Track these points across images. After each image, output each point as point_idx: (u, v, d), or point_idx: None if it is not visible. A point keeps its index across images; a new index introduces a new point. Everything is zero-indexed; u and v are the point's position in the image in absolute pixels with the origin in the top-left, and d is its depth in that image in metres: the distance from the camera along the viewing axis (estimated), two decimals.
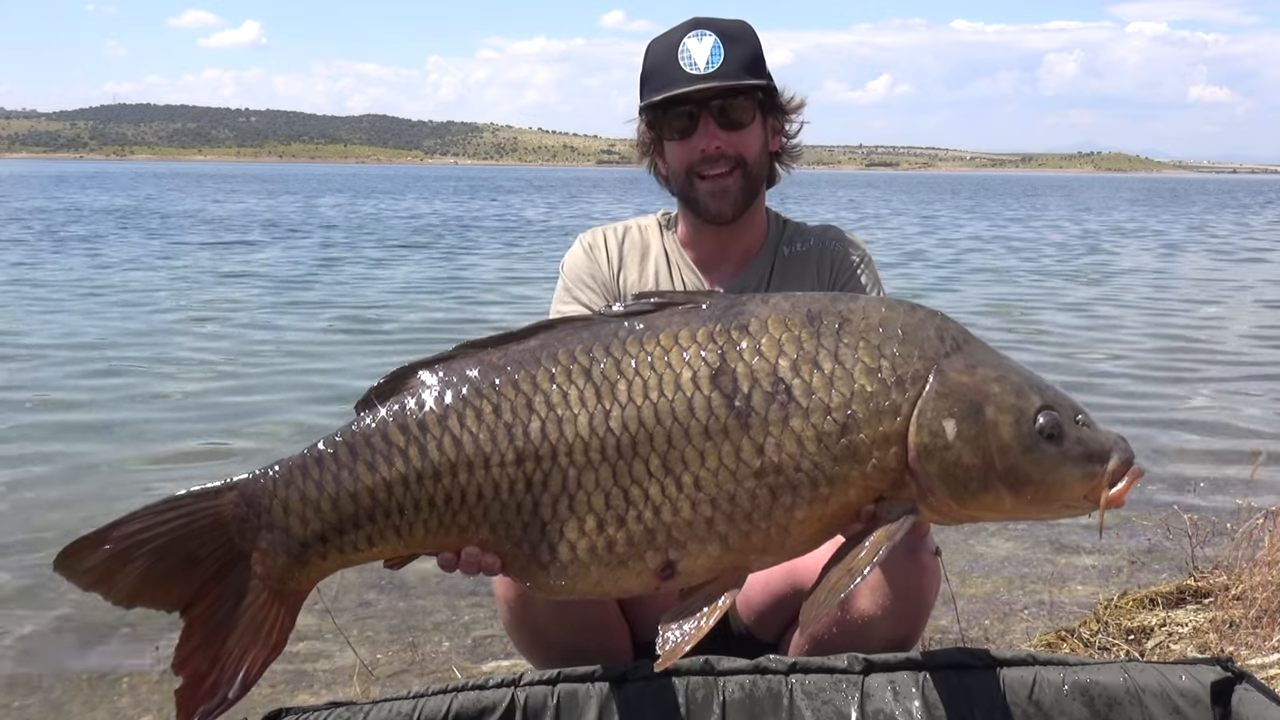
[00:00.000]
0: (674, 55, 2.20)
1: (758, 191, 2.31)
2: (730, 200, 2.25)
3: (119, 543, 1.59)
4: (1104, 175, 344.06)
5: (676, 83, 2.19)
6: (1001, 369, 1.59)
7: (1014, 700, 1.77)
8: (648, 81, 2.27)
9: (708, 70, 2.17)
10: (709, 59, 2.18)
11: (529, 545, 1.61)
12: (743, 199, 2.27)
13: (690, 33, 2.20)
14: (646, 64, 2.28)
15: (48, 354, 8.62)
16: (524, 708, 1.81)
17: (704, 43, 2.19)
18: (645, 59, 2.29)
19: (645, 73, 2.28)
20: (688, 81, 2.17)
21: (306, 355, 8.85)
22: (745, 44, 2.22)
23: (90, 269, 15.27)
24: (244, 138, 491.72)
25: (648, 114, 2.29)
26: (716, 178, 2.24)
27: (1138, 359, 9.04)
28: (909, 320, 1.61)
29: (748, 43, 2.23)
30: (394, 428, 1.62)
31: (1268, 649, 2.98)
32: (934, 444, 1.53)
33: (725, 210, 2.26)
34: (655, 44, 2.28)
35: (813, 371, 1.56)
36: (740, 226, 2.33)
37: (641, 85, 2.30)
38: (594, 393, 1.58)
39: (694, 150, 2.23)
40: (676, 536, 1.56)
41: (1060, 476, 1.53)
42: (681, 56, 2.19)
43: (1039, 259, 19.34)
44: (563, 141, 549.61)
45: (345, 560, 1.66)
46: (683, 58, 2.19)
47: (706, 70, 2.17)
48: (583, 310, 2.32)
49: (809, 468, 1.54)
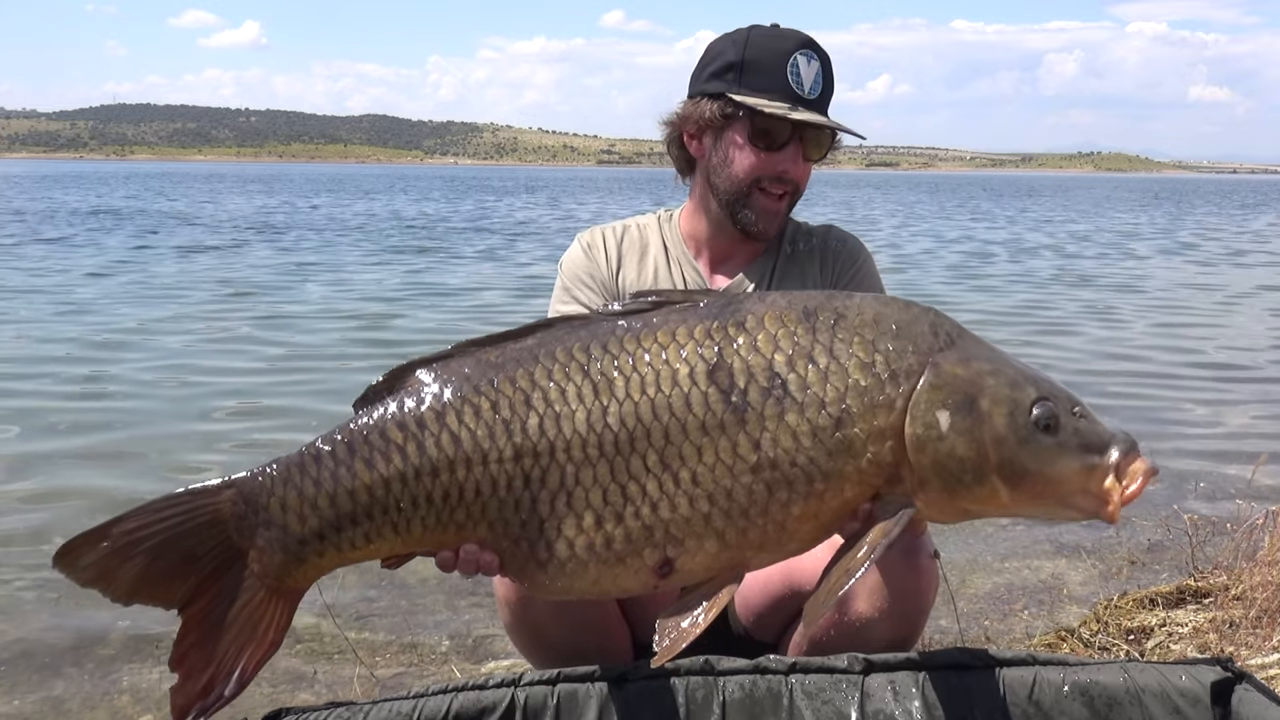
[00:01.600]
0: (783, 65, 2.17)
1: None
2: (777, 223, 2.29)
3: (117, 539, 1.59)
4: (1104, 175, 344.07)
5: (782, 94, 2.17)
6: (996, 362, 1.59)
7: (1014, 700, 1.77)
8: (745, 73, 2.20)
9: (812, 95, 2.19)
10: (814, 84, 2.19)
11: (527, 543, 1.61)
12: (784, 222, 2.33)
13: (801, 50, 2.19)
14: (748, 54, 2.21)
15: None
16: (524, 708, 1.81)
17: (812, 66, 2.19)
18: (746, 47, 2.21)
19: (744, 62, 2.20)
20: (793, 99, 2.17)
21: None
22: (833, 81, 2.25)
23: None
24: (244, 138, 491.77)
25: (735, 106, 2.21)
26: (776, 199, 2.25)
27: (1138, 359, 9.05)
28: (903, 316, 1.62)
29: (834, 79, 2.26)
30: (392, 425, 1.62)
31: (1268, 649, 2.98)
32: (928, 436, 1.53)
33: (771, 231, 2.29)
34: (762, 40, 2.22)
35: (808, 366, 1.56)
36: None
37: (729, 69, 2.21)
38: (591, 389, 1.58)
39: (773, 166, 2.22)
40: (674, 533, 1.57)
41: (1058, 468, 1.52)
42: (791, 71, 2.17)
43: (1041, 258, 19.37)
44: (563, 141, 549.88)
45: (343, 558, 1.66)
46: (792, 73, 2.17)
47: (811, 95, 2.19)
48: (581, 309, 2.31)
49: (804, 463, 1.54)
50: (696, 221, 2.39)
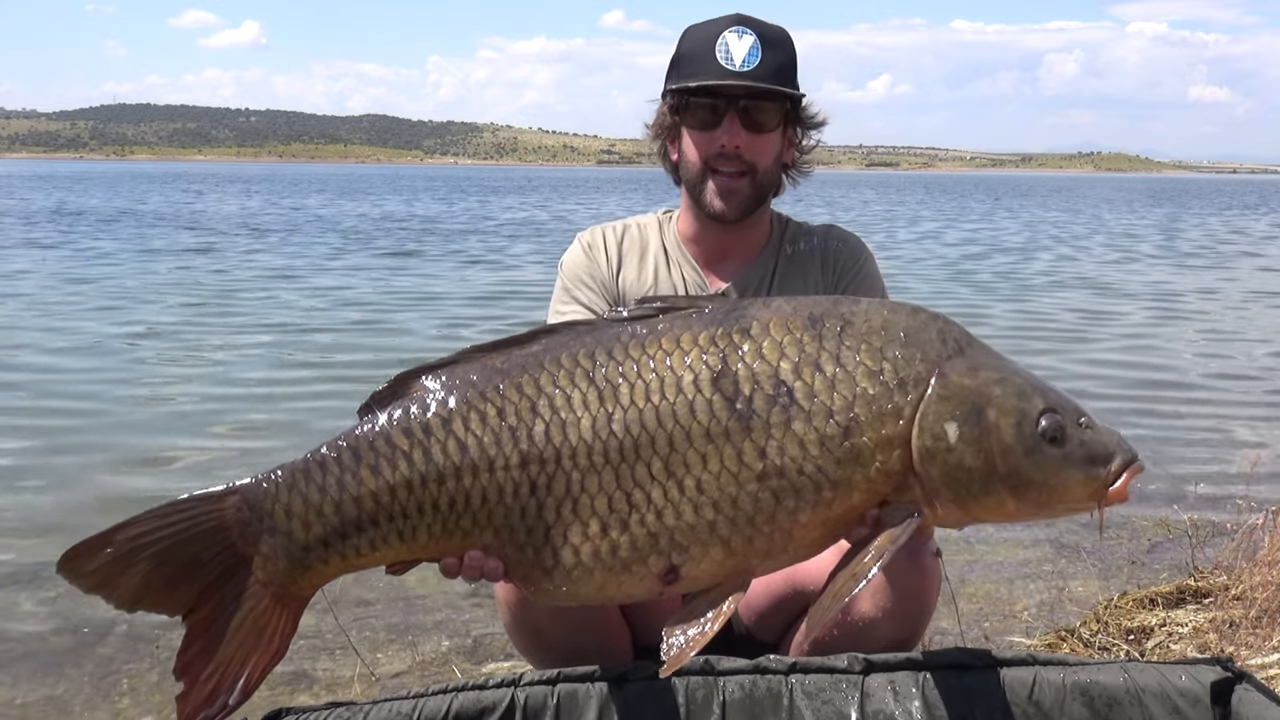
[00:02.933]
0: (711, 46, 2.19)
1: (764, 199, 2.31)
2: (736, 202, 2.25)
3: (121, 546, 1.58)
4: (1104, 175, 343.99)
5: (710, 73, 2.18)
6: (1004, 371, 1.58)
7: (1014, 700, 1.77)
8: (680, 65, 2.26)
9: (743, 68, 2.17)
10: (746, 57, 2.17)
11: (532, 549, 1.60)
12: (748, 204, 2.27)
13: (732, 27, 2.20)
14: (681, 48, 2.26)
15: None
16: (524, 708, 1.81)
17: (744, 40, 2.18)
18: (681, 42, 2.27)
19: (679, 56, 2.26)
20: (722, 75, 2.17)
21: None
22: (782, 50, 2.22)
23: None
24: (244, 138, 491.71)
25: (673, 98, 2.27)
26: (728, 176, 2.23)
27: (1138, 359, 9.05)
28: (911, 323, 1.61)
29: (785, 50, 2.23)
30: (397, 431, 1.61)
31: (1268, 649, 2.98)
32: (936, 447, 1.53)
33: (729, 211, 2.26)
34: (694, 30, 2.26)
35: (815, 374, 1.55)
36: (743, 227, 2.33)
37: (672, 67, 2.28)
38: (596, 396, 1.58)
39: (713, 144, 2.22)
40: (679, 540, 1.56)
41: (1063, 479, 1.53)
42: (719, 49, 2.18)
43: (1043, 258, 19.37)
44: (563, 141, 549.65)
45: (348, 565, 1.66)
46: (720, 50, 2.18)
47: (742, 68, 2.17)
48: (582, 310, 2.32)
49: (811, 471, 1.53)
50: (686, 223, 2.41)
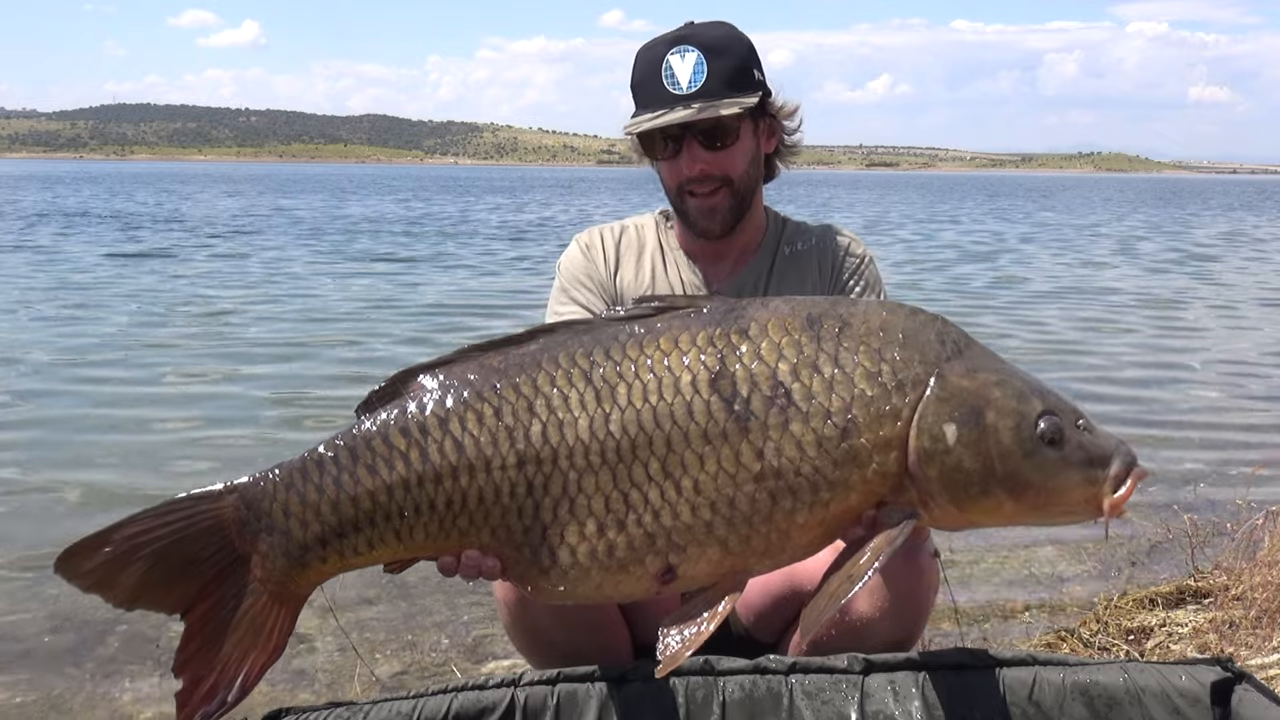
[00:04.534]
0: (657, 72, 2.16)
1: (748, 204, 2.29)
2: (719, 218, 2.25)
3: (119, 545, 1.58)
4: (1104, 175, 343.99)
5: (659, 102, 2.16)
6: (1003, 373, 1.58)
7: (1014, 700, 1.76)
8: (634, 95, 2.25)
9: (690, 90, 2.13)
10: (691, 78, 2.14)
11: (529, 549, 1.60)
12: (731, 216, 2.26)
13: (674, 49, 2.16)
14: (634, 76, 2.25)
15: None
16: (524, 708, 1.81)
17: (686, 60, 2.14)
18: (633, 70, 2.25)
19: (632, 85, 2.25)
20: (669, 102, 2.14)
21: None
22: (729, 56, 2.17)
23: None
24: (244, 138, 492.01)
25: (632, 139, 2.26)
26: (705, 196, 2.22)
27: (1138, 359, 9.05)
28: (910, 324, 1.60)
29: (732, 54, 2.18)
30: (395, 431, 1.61)
31: (1268, 649, 2.98)
32: (934, 448, 1.52)
33: (714, 228, 2.26)
34: (641, 55, 2.24)
35: (813, 376, 1.55)
36: (735, 233, 2.32)
37: (632, 95, 2.26)
38: (594, 396, 1.58)
39: (680, 173, 2.22)
40: (676, 540, 1.56)
41: (1061, 482, 1.53)
42: (665, 75, 2.15)
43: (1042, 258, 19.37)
44: (563, 141, 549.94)
45: (345, 564, 1.66)
46: (665, 76, 2.15)
47: (689, 89, 2.13)
48: (580, 310, 2.32)
49: (809, 472, 1.53)
50: (681, 230, 2.40)
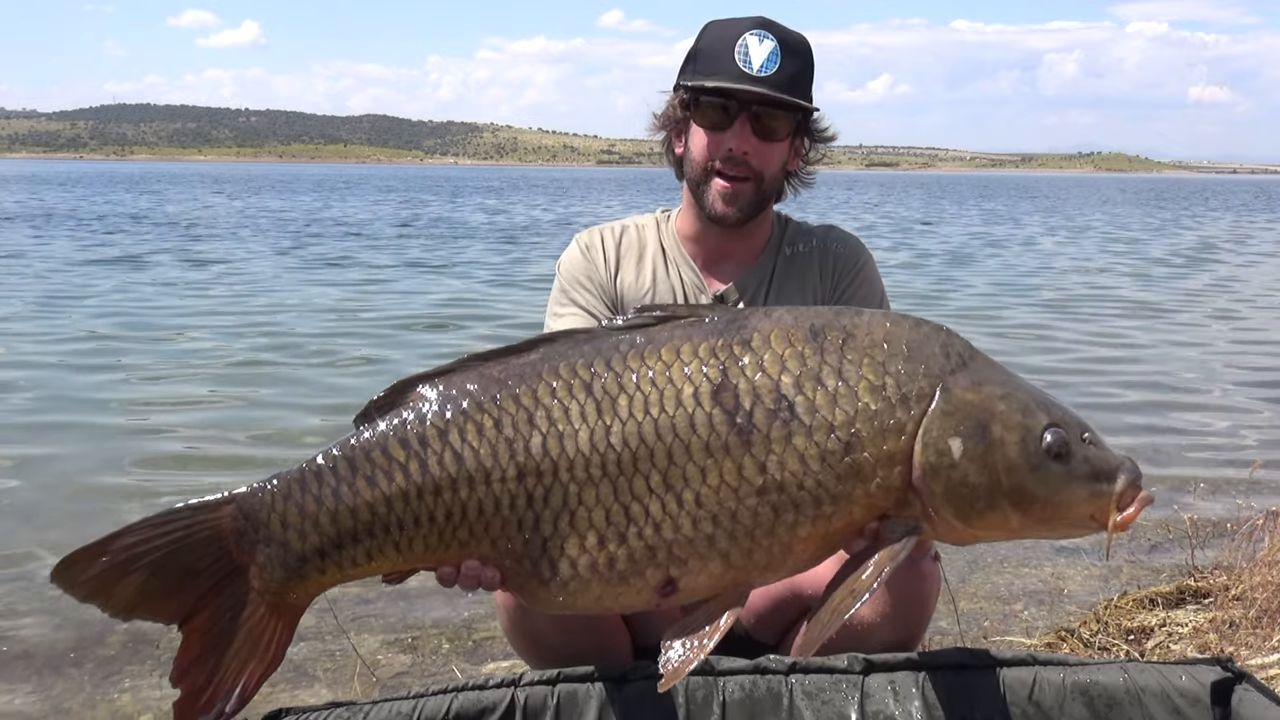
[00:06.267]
0: (731, 46, 2.17)
1: (766, 205, 2.31)
2: (738, 206, 2.24)
3: (116, 555, 1.58)
4: (1104, 175, 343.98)
5: (727, 74, 2.16)
6: (1008, 386, 1.57)
7: (1014, 700, 1.77)
8: (697, 61, 2.23)
9: (761, 73, 2.15)
10: (765, 62, 2.16)
11: (529, 561, 1.59)
12: (750, 210, 2.26)
13: (754, 30, 2.18)
14: (700, 43, 2.24)
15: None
16: (524, 708, 1.81)
17: (764, 45, 2.16)
18: (700, 37, 2.25)
19: (696, 51, 2.24)
20: (739, 78, 2.15)
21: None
22: (801, 59, 2.21)
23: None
24: (244, 138, 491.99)
25: (686, 93, 2.25)
26: (732, 180, 2.22)
27: (1138, 358, 9.05)
28: (914, 336, 1.59)
29: (803, 59, 2.21)
30: (394, 442, 1.60)
31: (1268, 649, 2.98)
32: (939, 463, 1.51)
33: (730, 214, 2.25)
34: (715, 27, 2.24)
35: (816, 388, 1.54)
36: (745, 230, 2.32)
37: (688, 61, 2.26)
38: (595, 408, 1.56)
39: (721, 145, 2.21)
40: (677, 553, 1.55)
41: (1067, 496, 1.52)
42: (738, 50, 2.16)
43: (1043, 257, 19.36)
44: (563, 141, 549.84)
45: (343, 575, 1.65)
46: (739, 52, 2.16)
47: (760, 73, 2.15)
48: (579, 312, 2.31)
49: (812, 486, 1.52)
50: (687, 221, 2.38)
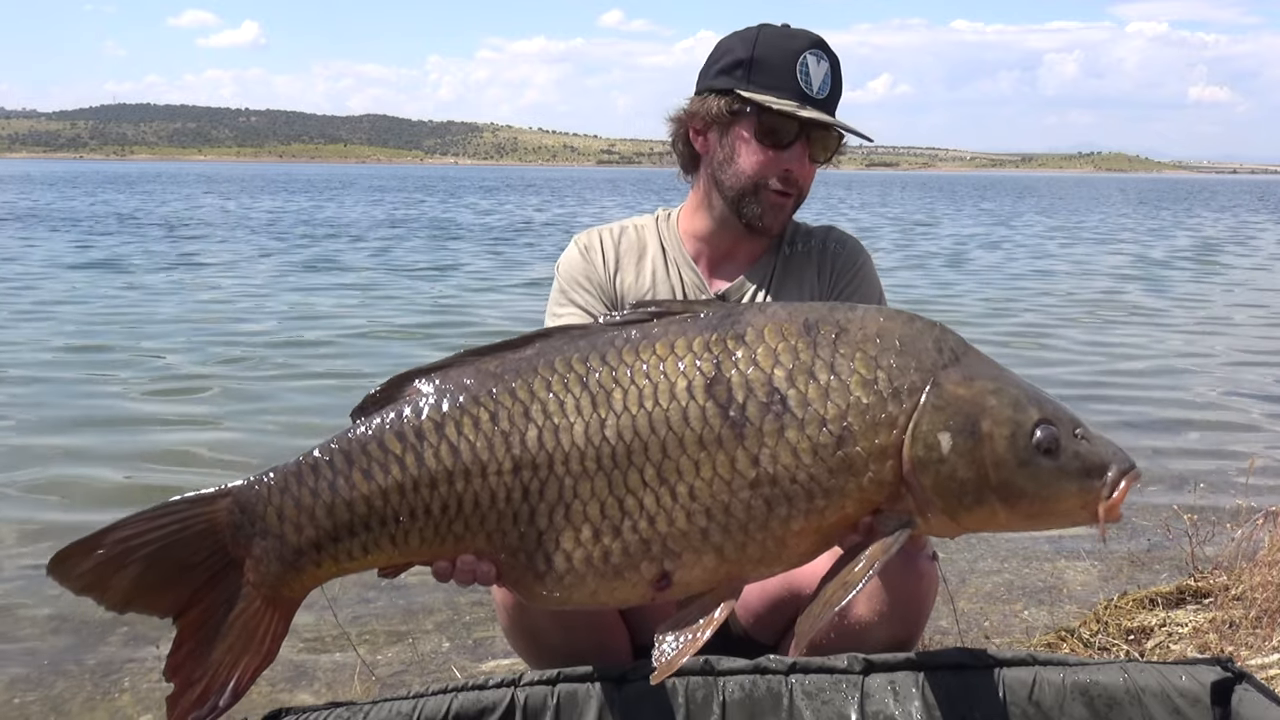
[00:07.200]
0: (791, 64, 2.17)
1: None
2: (781, 221, 2.29)
3: (112, 548, 1.58)
4: (1104, 175, 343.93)
5: (790, 93, 2.16)
6: (1000, 381, 1.57)
7: (1014, 700, 1.77)
8: (754, 71, 2.19)
9: (820, 96, 2.18)
10: (823, 84, 2.18)
11: (525, 555, 1.60)
12: (785, 223, 2.32)
13: (812, 49, 2.18)
14: (757, 52, 2.20)
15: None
16: (524, 708, 1.81)
17: (821, 67, 2.18)
18: (756, 45, 2.21)
19: (754, 60, 2.20)
20: (801, 98, 2.16)
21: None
22: (842, 81, 2.24)
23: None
24: (244, 138, 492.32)
25: (742, 102, 2.20)
26: (778, 195, 2.24)
27: (1138, 358, 9.05)
28: (907, 331, 1.60)
29: (843, 82, 2.25)
30: (390, 435, 1.61)
31: (1268, 649, 2.98)
32: (929, 457, 1.52)
33: (774, 226, 2.28)
34: (771, 37, 2.22)
35: (808, 382, 1.55)
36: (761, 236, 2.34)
37: (738, 66, 2.21)
38: (590, 401, 1.57)
39: (778, 165, 2.21)
40: (671, 547, 1.56)
41: (1056, 491, 1.52)
42: (800, 69, 2.16)
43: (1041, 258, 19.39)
44: (563, 141, 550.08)
45: (339, 569, 1.66)
46: (801, 72, 2.16)
47: (819, 95, 2.18)
48: (578, 312, 2.31)
49: (804, 479, 1.53)
50: (698, 219, 2.37)
